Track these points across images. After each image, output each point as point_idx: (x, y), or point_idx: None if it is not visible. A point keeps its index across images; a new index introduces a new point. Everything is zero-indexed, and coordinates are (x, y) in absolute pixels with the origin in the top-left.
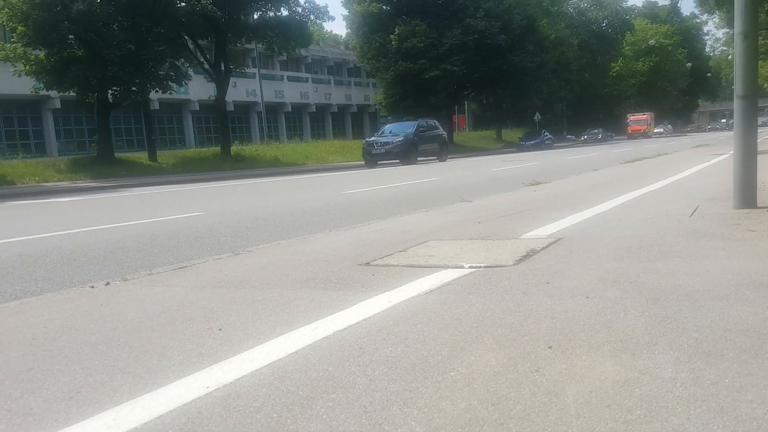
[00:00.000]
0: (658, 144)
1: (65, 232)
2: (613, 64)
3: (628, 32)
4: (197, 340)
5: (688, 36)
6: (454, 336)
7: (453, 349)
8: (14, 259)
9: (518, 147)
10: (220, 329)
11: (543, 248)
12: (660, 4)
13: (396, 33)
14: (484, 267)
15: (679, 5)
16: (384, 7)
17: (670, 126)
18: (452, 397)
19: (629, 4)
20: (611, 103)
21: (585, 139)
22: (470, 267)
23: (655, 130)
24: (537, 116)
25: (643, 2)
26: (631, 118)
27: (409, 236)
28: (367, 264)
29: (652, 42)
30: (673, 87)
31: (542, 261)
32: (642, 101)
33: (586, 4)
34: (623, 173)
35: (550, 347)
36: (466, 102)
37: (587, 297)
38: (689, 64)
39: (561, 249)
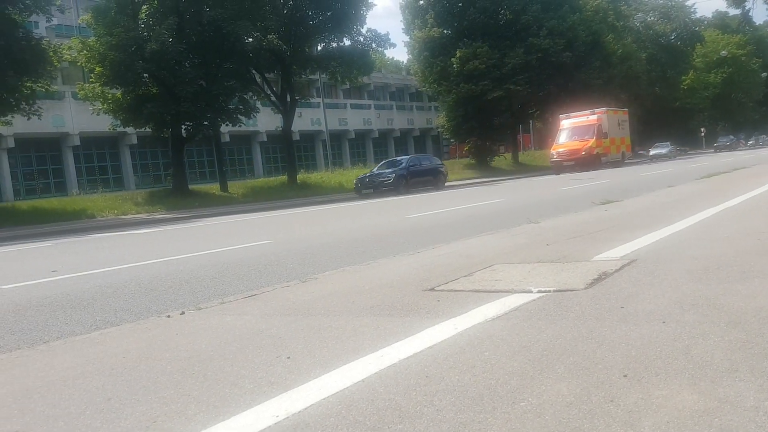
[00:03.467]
0: (733, 158)
1: (143, 263)
2: (683, 77)
3: (698, 44)
4: (267, 368)
5: (762, 45)
6: (524, 364)
7: (522, 378)
8: (95, 290)
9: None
10: (289, 357)
11: (616, 271)
12: (731, 14)
13: (457, 56)
14: (554, 291)
15: (751, 14)
16: (445, 31)
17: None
18: (522, 429)
19: (698, 15)
20: (684, 117)
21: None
22: (539, 291)
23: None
24: None
25: (712, 13)
26: (563, 123)
27: (474, 260)
28: (432, 289)
29: (723, 53)
30: (749, 98)
31: (615, 284)
32: (716, 114)
33: (653, 18)
34: (699, 189)
35: (625, 376)
36: (531, 121)
37: (664, 322)
38: (765, 74)
39: (635, 271)
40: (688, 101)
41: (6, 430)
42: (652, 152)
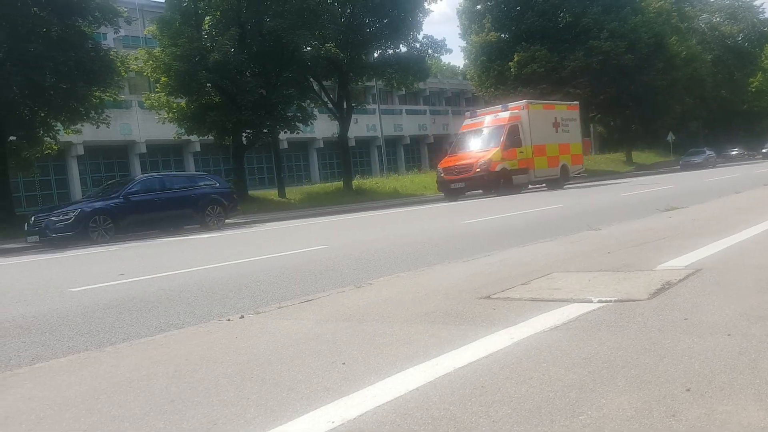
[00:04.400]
0: None
1: (204, 267)
2: (751, 79)
3: (767, 45)
4: (323, 374)
5: None
6: (583, 376)
7: (581, 391)
8: (159, 293)
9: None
10: (344, 363)
11: (680, 280)
12: None
13: (515, 60)
14: (615, 301)
15: None
16: (502, 35)
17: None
18: None
19: (767, 15)
20: (752, 120)
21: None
22: (599, 301)
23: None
24: (670, 136)
25: None
26: (466, 123)
27: (531, 268)
28: (488, 297)
29: None
30: None
31: (679, 295)
32: None
33: (719, 19)
34: (766, 196)
35: (688, 390)
36: (591, 125)
37: (729, 334)
38: None
39: (700, 281)
40: (757, 104)
41: (74, 429)
42: (682, 161)
